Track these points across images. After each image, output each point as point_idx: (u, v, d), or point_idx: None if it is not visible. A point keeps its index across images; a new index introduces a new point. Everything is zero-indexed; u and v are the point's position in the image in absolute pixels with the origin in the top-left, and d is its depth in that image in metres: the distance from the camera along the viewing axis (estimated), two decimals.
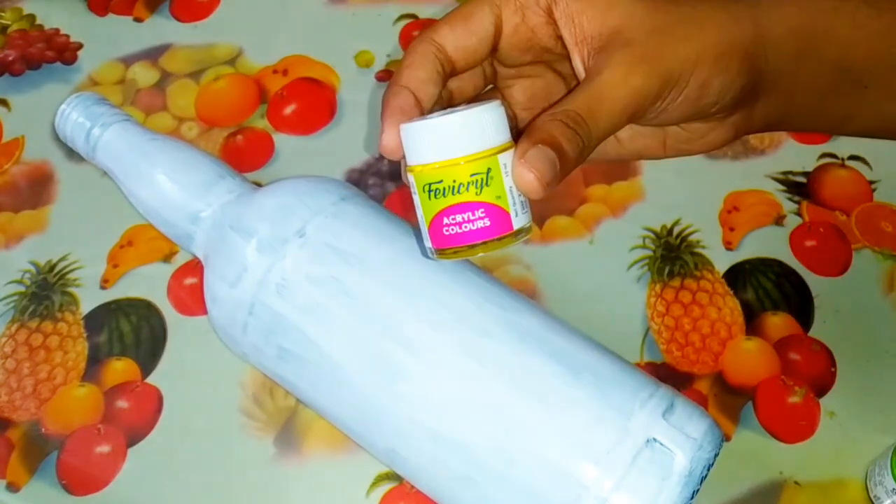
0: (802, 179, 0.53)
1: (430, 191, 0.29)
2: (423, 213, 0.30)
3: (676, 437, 0.33)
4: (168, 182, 0.43)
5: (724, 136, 0.33)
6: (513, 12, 0.31)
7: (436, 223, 0.29)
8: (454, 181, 0.28)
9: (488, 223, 0.29)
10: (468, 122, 0.29)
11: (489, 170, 0.28)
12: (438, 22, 0.31)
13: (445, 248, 0.29)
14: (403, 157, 0.30)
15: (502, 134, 0.29)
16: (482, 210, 0.28)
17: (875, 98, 0.34)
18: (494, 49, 0.32)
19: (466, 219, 0.29)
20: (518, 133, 0.29)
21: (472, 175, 0.28)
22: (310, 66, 0.58)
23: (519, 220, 0.29)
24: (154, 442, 0.45)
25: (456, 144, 0.28)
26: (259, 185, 0.44)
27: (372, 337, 0.36)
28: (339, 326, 0.37)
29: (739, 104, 0.32)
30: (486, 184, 0.28)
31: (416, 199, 0.30)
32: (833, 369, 0.46)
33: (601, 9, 0.30)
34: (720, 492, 0.43)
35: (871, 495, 0.42)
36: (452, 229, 0.29)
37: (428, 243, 0.30)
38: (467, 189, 0.28)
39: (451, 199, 0.29)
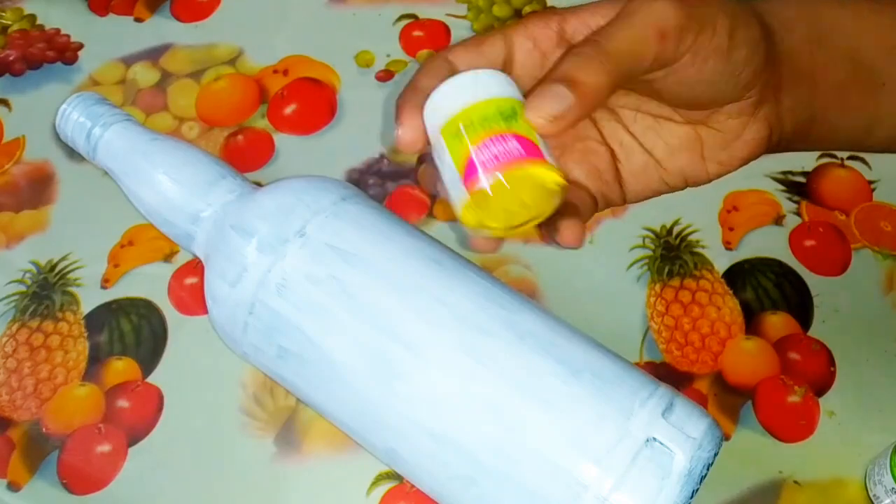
0: (802, 179, 0.53)
1: (459, 133, 0.29)
2: (452, 163, 0.29)
3: (676, 436, 0.33)
4: (169, 182, 0.43)
5: (757, 134, 0.33)
6: (524, 38, 0.32)
7: (470, 166, 0.29)
8: (483, 117, 0.29)
9: (523, 150, 0.28)
10: (490, 75, 0.30)
11: (514, 109, 0.29)
12: (453, 45, 0.32)
13: (479, 186, 0.28)
14: (427, 149, 0.30)
15: (520, 94, 0.30)
16: (514, 139, 0.28)
17: (894, 96, 0.35)
18: None
19: (500, 149, 0.28)
20: None
21: (499, 110, 0.29)
22: (310, 66, 0.58)
23: (551, 159, 0.29)
24: (154, 441, 0.45)
25: (480, 91, 0.30)
26: (260, 184, 0.44)
27: (372, 336, 0.36)
28: (339, 326, 0.37)
29: (765, 87, 0.32)
30: (514, 119, 0.29)
31: (446, 155, 0.29)
32: (832, 369, 0.46)
33: (614, 6, 0.31)
34: (720, 491, 0.43)
35: (871, 494, 0.42)
36: (487, 157, 0.28)
37: (462, 193, 0.29)
38: (496, 122, 0.29)
39: (482, 134, 0.29)
